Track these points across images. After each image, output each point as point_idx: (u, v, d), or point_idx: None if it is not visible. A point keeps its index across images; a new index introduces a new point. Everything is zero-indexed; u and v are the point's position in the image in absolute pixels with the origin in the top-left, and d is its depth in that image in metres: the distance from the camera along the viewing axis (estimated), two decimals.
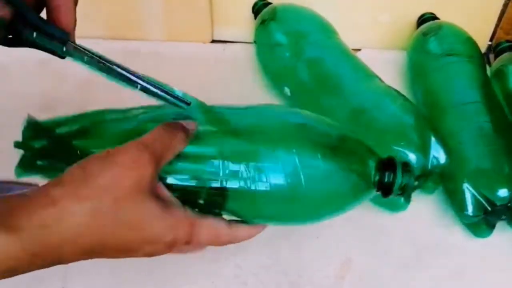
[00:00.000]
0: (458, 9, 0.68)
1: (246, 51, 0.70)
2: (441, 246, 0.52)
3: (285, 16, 0.64)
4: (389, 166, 0.38)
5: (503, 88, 0.61)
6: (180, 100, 0.35)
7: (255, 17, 0.68)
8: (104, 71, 0.34)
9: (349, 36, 0.63)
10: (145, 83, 0.34)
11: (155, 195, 0.32)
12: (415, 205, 0.53)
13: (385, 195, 0.39)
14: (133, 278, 0.48)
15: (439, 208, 0.54)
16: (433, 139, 0.51)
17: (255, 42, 0.67)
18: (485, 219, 0.51)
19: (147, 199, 0.31)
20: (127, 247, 0.32)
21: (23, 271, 0.30)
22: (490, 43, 0.71)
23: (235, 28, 0.72)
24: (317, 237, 0.51)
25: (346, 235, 0.52)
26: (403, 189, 0.38)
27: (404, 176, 0.38)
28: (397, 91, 0.55)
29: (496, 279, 0.50)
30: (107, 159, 0.31)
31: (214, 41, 0.73)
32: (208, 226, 0.35)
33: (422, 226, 0.53)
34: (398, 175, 0.37)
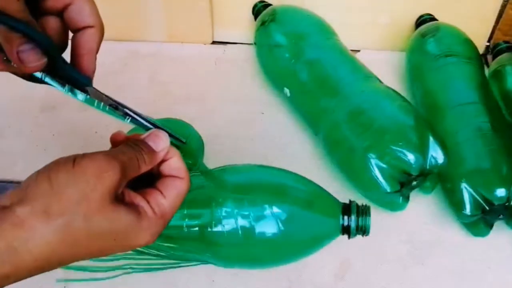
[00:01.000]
0: (456, 10, 0.68)
1: (246, 52, 0.71)
2: (439, 245, 0.52)
3: (285, 17, 0.64)
4: (347, 211, 0.43)
5: (501, 89, 0.61)
6: (179, 140, 0.37)
7: (255, 18, 0.68)
8: (120, 115, 0.36)
9: (348, 37, 0.64)
10: (151, 125, 0.36)
11: (124, 201, 0.32)
12: (413, 204, 0.53)
13: (348, 237, 0.43)
14: (133, 278, 0.48)
15: (437, 207, 0.55)
16: (431, 139, 0.51)
17: (255, 43, 0.67)
18: (483, 219, 0.51)
19: (117, 207, 0.31)
20: (101, 253, 0.32)
21: None
22: (488, 44, 0.71)
23: (235, 30, 0.72)
24: None
25: None
26: (361, 230, 0.43)
27: (361, 218, 0.43)
28: (395, 91, 0.56)
29: (494, 278, 0.50)
30: (74, 170, 0.30)
31: (214, 42, 0.73)
32: (173, 203, 0.34)
33: (421, 225, 0.53)
34: (353, 219, 0.43)
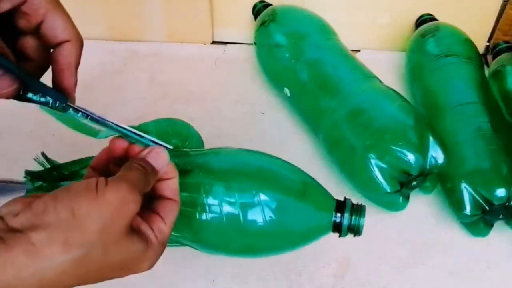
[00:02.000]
0: (456, 10, 0.68)
1: (246, 52, 0.71)
2: (439, 245, 0.52)
3: (285, 17, 0.64)
4: (341, 208, 0.41)
5: (501, 89, 0.61)
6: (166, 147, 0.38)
7: (255, 18, 0.68)
8: (101, 125, 0.37)
9: (348, 37, 0.64)
10: (134, 135, 0.37)
11: (136, 230, 0.32)
12: (413, 204, 0.53)
13: (339, 235, 0.41)
14: (133, 277, 0.48)
15: (438, 207, 0.55)
16: (431, 140, 0.51)
17: (255, 43, 0.67)
18: (483, 218, 0.51)
19: (132, 238, 0.31)
20: (103, 279, 0.31)
21: None
22: (488, 44, 0.71)
23: (236, 29, 0.72)
24: None
25: None
26: (352, 230, 0.41)
27: (354, 217, 0.41)
28: (395, 91, 0.56)
29: (494, 278, 0.50)
30: (97, 200, 0.29)
31: (214, 42, 0.73)
32: (171, 228, 0.35)
33: (421, 225, 0.53)
34: (346, 217, 0.41)
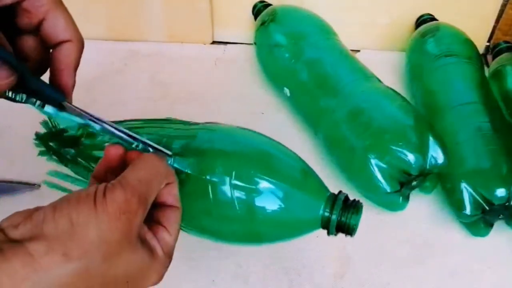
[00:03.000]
0: (456, 10, 0.68)
1: (246, 52, 0.71)
2: (439, 245, 0.52)
3: (284, 17, 0.64)
4: (332, 202, 0.38)
5: (501, 89, 0.61)
6: (162, 152, 0.37)
7: (255, 18, 0.68)
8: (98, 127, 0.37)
9: (348, 37, 0.64)
10: (128, 137, 0.37)
11: (142, 240, 0.31)
12: (413, 204, 0.53)
13: (327, 233, 0.39)
14: None
15: (438, 207, 0.55)
16: (431, 139, 0.51)
17: (255, 43, 0.67)
18: (483, 218, 0.51)
19: (135, 249, 0.30)
20: None
21: None
22: (488, 44, 0.71)
23: (236, 29, 0.72)
24: (317, 236, 0.51)
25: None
26: (342, 229, 0.38)
27: (345, 214, 0.37)
28: (395, 91, 0.56)
29: (494, 278, 0.50)
30: (95, 210, 0.28)
31: (214, 42, 0.73)
32: (176, 239, 0.34)
33: (421, 225, 0.53)
34: (335, 213, 0.37)
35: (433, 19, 0.67)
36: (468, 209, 0.50)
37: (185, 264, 0.49)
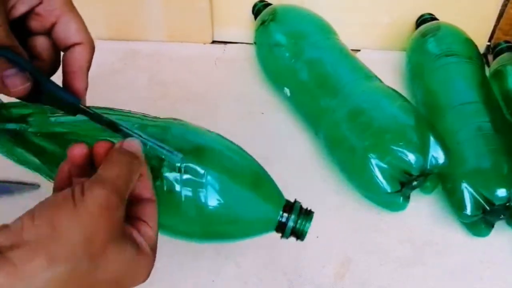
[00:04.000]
0: (457, 10, 0.68)
1: (246, 52, 0.71)
2: (440, 245, 0.52)
3: (285, 17, 0.64)
4: (289, 209, 0.40)
5: (501, 89, 0.61)
6: (172, 154, 0.37)
7: (255, 18, 0.68)
8: (111, 130, 0.36)
9: (348, 37, 0.64)
10: (145, 140, 0.36)
11: (127, 237, 0.30)
12: (414, 204, 0.53)
13: (282, 235, 0.40)
14: None
15: (438, 207, 0.54)
16: (432, 139, 0.51)
17: (255, 42, 0.67)
18: (483, 219, 0.51)
19: (122, 246, 0.29)
20: None
21: None
22: (488, 43, 0.71)
23: (235, 29, 0.72)
24: (317, 237, 0.51)
25: (346, 234, 0.52)
26: (295, 234, 0.40)
27: (300, 221, 0.40)
28: (396, 91, 0.55)
29: (495, 278, 0.50)
30: (75, 210, 0.27)
31: (214, 41, 0.73)
32: (157, 232, 0.34)
33: (421, 225, 0.53)
34: (292, 219, 0.40)
35: (433, 18, 0.67)
36: (468, 209, 0.50)
37: (184, 264, 0.49)
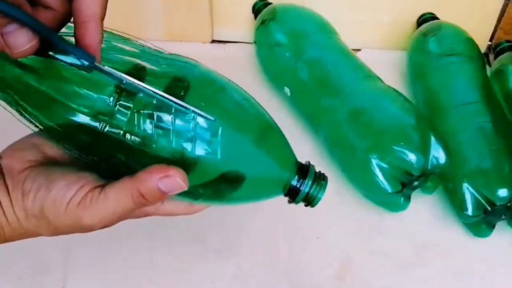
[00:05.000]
0: (458, 9, 0.68)
1: (246, 51, 0.70)
2: (441, 246, 0.52)
3: (285, 16, 0.64)
4: (303, 172, 0.36)
5: (503, 88, 0.61)
6: (205, 117, 0.33)
7: (255, 17, 0.68)
8: (128, 87, 0.32)
9: (349, 36, 0.63)
10: (175, 104, 0.32)
11: None
12: (415, 205, 0.53)
13: (290, 200, 0.36)
14: (133, 277, 0.48)
15: (439, 208, 0.54)
16: (433, 139, 0.51)
17: (255, 42, 0.67)
18: (485, 219, 0.51)
19: None
20: None
21: None
22: (490, 43, 0.71)
23: (235, 28, 0.72)
24: (317, 237, 0.51)
25: (346, 235, 0.52)
26: (307, 200, 0.36)
27: (315, 187, 0.36)
28: (397, 91, 0.55)
29: (496, 278, 0.50)
30: (66, 209, 0.32)
31: (214, 41, 0.73)
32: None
33: (422, 226, 0.53)
34: (307, 184, 0.35)
35: (434, 18, 0.67)
36: (470, 210, 0.50)
37: (184, 265, 0.49)
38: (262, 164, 0.35)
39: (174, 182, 0.31)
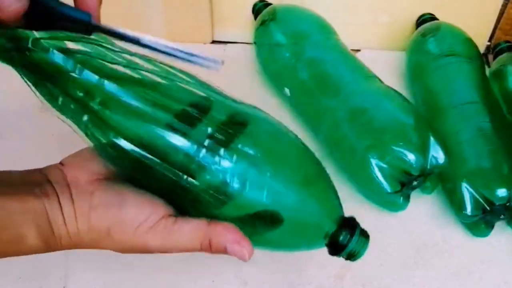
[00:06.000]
0: (457, 9, 0.68)
1: (246, 52, 0.70)
2: (440, 245, 0.52)
3: (285, 16, 0.64)
4: (348, 225, 0.36)
5: (502, 89, 0.61)
6: (210, 61, 0.32)
7: (255, 17, 0.68)
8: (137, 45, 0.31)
9: (348, 37, 0.64)
10: (182, 54, 0.33)
11: None
12: (414, 205, 0.53)
13: (332, 253, 0.37)
14: (133, 277, 0.48)
15: (438, 207, 0.54)
16: (432, 139, 0.51)
17: (255, 42, 0.67)
18: (484, 219, 0.51)
19: None
20: None
21: None
22: (489, 43, 0.71)
23: (235, 29, 0.72)
24: None
25: None
26: (350, 255, 0.36)
27: (359, 242, 0.36)
28: (396, 91, 0.55)
29: (495, 278, 0.50)
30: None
31: (214, 41, 0.73)
32: None
33: (421, 225, 0.53)
34: (354, 239, 0.36)
35: (433, 18, 0.67)
36: (469, 209, 0.50)
37: (184, 264, 0.49)
38: (306, 208, 0.35)
39: (241, 252, 0.33)
